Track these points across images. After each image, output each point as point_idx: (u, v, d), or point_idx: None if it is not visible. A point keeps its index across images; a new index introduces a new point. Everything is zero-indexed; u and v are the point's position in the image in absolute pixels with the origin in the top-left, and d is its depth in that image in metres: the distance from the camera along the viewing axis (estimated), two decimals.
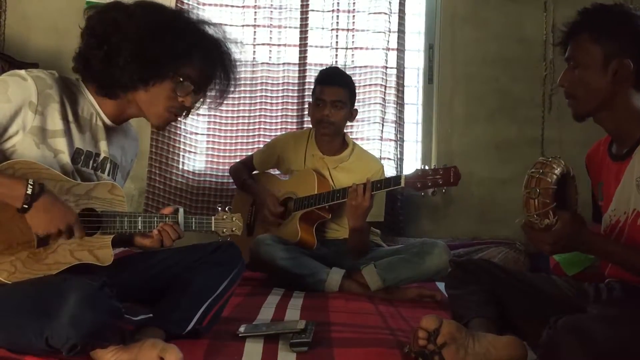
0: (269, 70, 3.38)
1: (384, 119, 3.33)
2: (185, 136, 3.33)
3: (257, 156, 2.94)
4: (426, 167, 2.33)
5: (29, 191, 1.31)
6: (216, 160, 3.37)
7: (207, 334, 1.57)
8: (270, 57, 3.39)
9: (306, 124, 3.31)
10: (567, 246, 1.46)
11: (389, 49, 3.33)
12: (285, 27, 3.38)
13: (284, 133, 3.20)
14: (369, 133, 3.34)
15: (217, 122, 3.36)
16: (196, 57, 1.54)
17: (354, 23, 3.38)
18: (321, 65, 3.35)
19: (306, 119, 3.32)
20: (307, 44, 3.37)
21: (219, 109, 3.32)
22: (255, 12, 3.38)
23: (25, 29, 3.30)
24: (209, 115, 3.36)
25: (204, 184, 3.33)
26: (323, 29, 3.40)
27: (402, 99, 3.36)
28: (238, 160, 3.09)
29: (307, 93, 3.33)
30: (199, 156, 3.39)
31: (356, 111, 2.80)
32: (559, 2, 3.41)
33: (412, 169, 2.36)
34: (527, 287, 1.67)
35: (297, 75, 3.36)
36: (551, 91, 3.43)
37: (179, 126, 3.30)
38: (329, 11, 3.38)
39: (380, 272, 2.36)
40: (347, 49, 3.37)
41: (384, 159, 3.27)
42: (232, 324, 1.66)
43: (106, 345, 1.30)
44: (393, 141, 3.35)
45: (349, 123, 2.85)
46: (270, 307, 2.03)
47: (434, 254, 2.40)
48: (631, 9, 1.60)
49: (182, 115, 1.61)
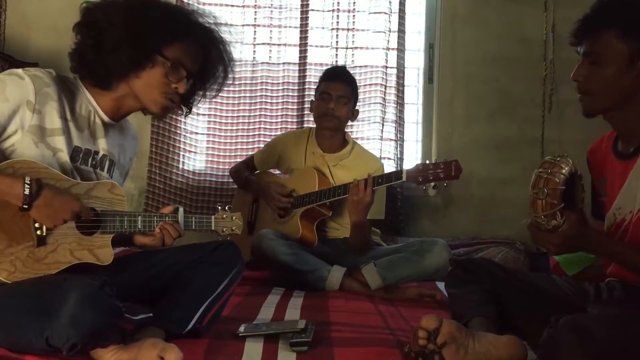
0: (269, 70, 3.38)
1: (384, 118, 3.34)
2: (185, 136, 3.33)
3: (258, 156, 2.94)
4: (427, 162, 2.34)
5: (26, 191, 1.31)
6: (216, 160, 3.37)
7: (207, 333, 1.57)
8: (270, 57, 3.39)
9: (306, 123, 3.31)
10: (573, 247, 1.45)
11: (389, 49, 3.33)
12: (286, 27, 3.38)
13: (284, 132, 3.20)
14: (369, 133, 3.34)
15: (217, 122, 3.36)
16: (185, 40, 1.54)
17: (354, 23, 3.39)
18: (321, 64, 3.36)
19: (306, 118, 3.33)
20: (307, 43, 3.37)
21: (219, 109, 3.33)
22: (256, 12, 3.39)
23: (25, 29, 3.31)
24: (209, 115, 3.36)
25: (204, 184, 3.33)
26: (323, 28, 3.40)
27: (402, 98, 3.36)
28: (238, 161, 3.10)
29: (307, 93, 3.33)
30: (199, 156, 3.39)
31: (357, 111, 2.81)
32: (559, 2, 3.42)
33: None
34: (527, 286, 1.67)
35: (297, 74, 3.36)
36: (551, 91, 3.43)
37: (179, 126, 3.31)
38: (329, 11, 3.38)
39: (380, 271, 2.36)
40: (347, 48, 3.38)
41: (384, 158, 3.27)
42: (232, 324, 1.66)
43: (106, 345, 1.30)
44: (393, 141, 3.35)
45: (350, 123, 2.85)
46: (270, 307, 2.02)
47: (433, 252, 2.40)
48: None
49: (178, 102, 1.60)
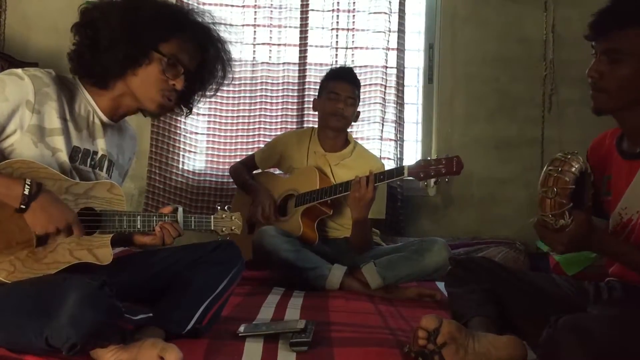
0: (269, 70, 3.38)
1: (384, 118, 3.33)
2: (185, 136, 3.33)
3: (259, 154, 2.94)
4: (429, 158, 2.34)
5: (26, 191, 1.31)
6: (216, 160, 3.37)
7: (207, 333, 1.57)
8: (270, 57, 3.39)
9: (306, 123, 3.31)
10: (580, 247, 1.43)
11: (389, 49, 3.33)
12: (285, 27, 3.38)
13: (286, 132, 3.20)
14: (369, 133, 3.34)
15: (217, 122, 3.36)
16: (181, 36, 1.54)
17: (354, 23, 3.39)
18: (321, 64, 3.36)
19: (306, 118, 3.32)
20: (307, 43, 3.37)
21: (219, 109, 3.33)
22: (255, 12, 3.39)
23: (25, 29, 3.31)
24: (208, 115, 3.36)
25: (204, 184, 3.33)
26: (323, 28, 3.40)
27: (402, 98, 3.36)
28: (238, 160, 3.09)
29: (307, 93, 3.33)
30: (198, 156, 3.39)
31: (359, 112, 2.81)
32: (559, 2, 3.42)
33: None
34: (527, 286, 1.67)
35: (297, 74, 3.36)
36: (551, 91, 3.43)
37: (178, 126, 3.31)
38: (329, 11, 3.38)
39: (380, 270, 2.36)
40: (347, 48, 3.37)
41: (384, 158, 3.27)
42: (232, 324, 1.66)
43: (106, 345, 1.29)
44: (393, 141, 3.35)
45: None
46: (270, 307, 2.02)
47: (433, 251, 2.40)
48: None
49: (175, 100, 1.59)
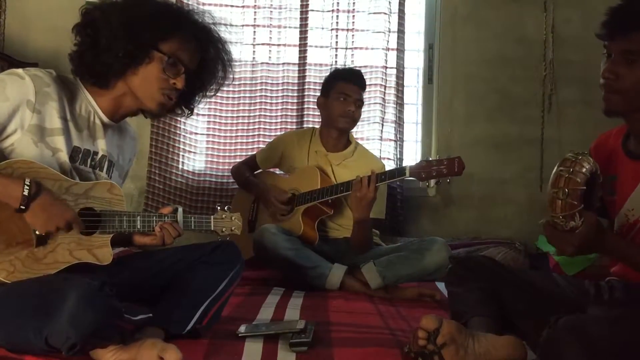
0: (269, 70, 3.38)
1: (383, 119, 3.33)
2: (185, 136, 3.33)
3: (260, 154, 2.94)
4: (430, 158, 2.34)
5: (25, 192, 1.31)
6: (216, 160, 3.36)
7: (206, 333, 1.57)
8: (270, 57, 3.39)
9: (306, 123, 3.31)
10: (589, 248, 1.40)
11: (388, 49, 3.33)
12: (285, 27, 3.38)
13: (287, 131, 3.19)
14: (369, 133, 3.33)
15: (217, 122, 3.36)
16: (182, 35, 1.54)
17: (353, 23, 3.38)
18: (321, 65, 3.36)
19: (306, 118, 3.32)
20: (306, 44, 3.36)
21: (219, 109, 3.33)
22: (255, 12, 3.38)
23: (24, 29, 3.30)
24: (208, 115, 3.36)
25: (204, 184, 3.32)
26: (323, 29, 3.39)
27: (402, 98, 3.36)
28: (238, 161, 3.09)
29: (306, 93, 3.33)
30: (198, 156, 3.38)
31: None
32: (558, 3, 3.42)
33: None
34: (527, 285, 1.65)
35: (296, 75, 3.36)
36: (551, 91, 3.43)
37: (178, 126, 3.30)
38: (328, 11, 3.38)
39: (379, 270, 2.36)
40: (346, 48, 3.37)
41: (384, 159, 3.27)
42: (231, 324, 1.66)
43: (106, 345, 1.29)
44: (393, 141, 3.35)
45: None
46: (270, 307, 2.03)
47: (432, 251, 2.40)
48: None
49: (176, 99, 1.59)
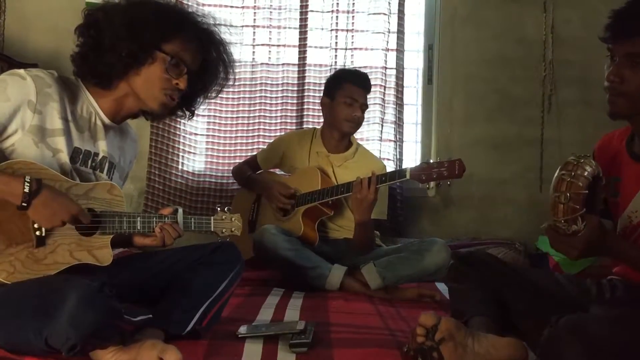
0: (269, 71, 3.38)
1: (383, 119, 3.33)
2: (184, 136, 3.33)
3: (261, 154, 2.94)
4: (431, 160, 2.34)
5: (26, 189, 1.31)
6: (216, 161, 3.36)
7: (206, 334, 1.57)
8: (269, 58, 3.39)
9: (305, 124, 3.31)
10: (592, 252, 1.40)
11: (388, 50, 3.33)
12: (285, 28, 3.38)
13: (287, 132, 3.19)
14: (369, 134, 3.33)
15: (217, 123, 3.36)
16: (184, 36, 1.54)
17: (353, 24, 3.38)
18: (320, 65, 3.36)
19: (306, 119, 3.32)
20: (306, 44, 3.36)
21: (219, 110, 3.33)
22: (255, 13, 3.38)
23: (24, 29, 3.30)
24: (208, 116, 3.36)
25: (204, 185, 3.32)
26: (322, 29, 3.39)
27: (402, 99, 3.36)
28: (238, 162, 3.09)
29: (306, 94, 3.33)
30: (198, 156, 3.38)
31: None
32: (558, 3, 3.42)
33: None
34: (528, 283, 1.65)
35: (296, 75, 3.36)
36: (550, 91, 3.43)
37: (178, 126, 3.30)
38: (328, 12, 3.38)
39: (379, 271, 2.36)
40: (346, 49, 3.37)
41: (384, 159, 3.26)
42: (231, 325, 1.66)
43: (106, 346, 1.29)
44: (392, 142, 3.35)
45: None
46: (270, 308, 2.02)
47: (432, 251, 2.40)
48: None
49: (178, 100, 1.59)
